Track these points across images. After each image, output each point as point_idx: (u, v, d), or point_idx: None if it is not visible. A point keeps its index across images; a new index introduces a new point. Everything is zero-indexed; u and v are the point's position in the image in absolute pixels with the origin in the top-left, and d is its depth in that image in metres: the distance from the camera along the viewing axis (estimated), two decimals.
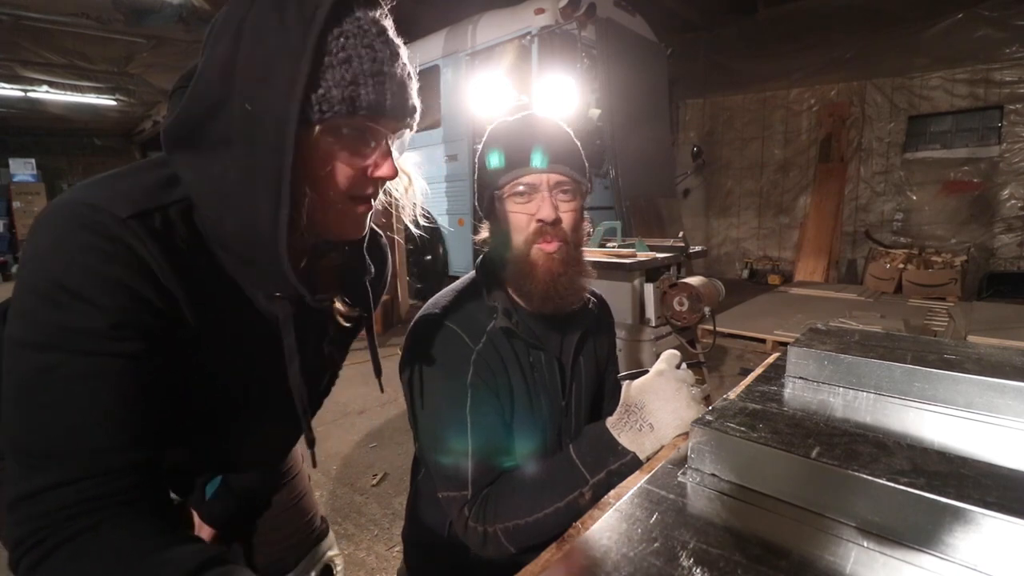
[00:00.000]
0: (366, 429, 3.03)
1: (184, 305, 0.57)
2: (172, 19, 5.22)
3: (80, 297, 0.49)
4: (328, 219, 0.61)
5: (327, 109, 0.54)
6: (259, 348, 0.66)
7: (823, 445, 0.54)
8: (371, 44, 0.55)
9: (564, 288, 0.89)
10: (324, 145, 0.56)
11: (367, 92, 0.55)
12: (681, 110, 8.44)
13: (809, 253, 7.33)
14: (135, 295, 0.52)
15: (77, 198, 0.52)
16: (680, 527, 0.51)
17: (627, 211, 4.14)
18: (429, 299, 0.97)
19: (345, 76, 0.53)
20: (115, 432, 0.51)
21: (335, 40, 0.53)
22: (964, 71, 6.29)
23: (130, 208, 0.52)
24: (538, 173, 0.87)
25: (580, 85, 4.14)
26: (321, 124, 0.54)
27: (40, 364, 0.49)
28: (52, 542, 0.47)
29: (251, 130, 0.52)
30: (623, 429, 0.80)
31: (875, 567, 0.45)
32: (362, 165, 0.59)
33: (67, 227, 0.50)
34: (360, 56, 0.54)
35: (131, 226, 0.51)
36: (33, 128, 10.81)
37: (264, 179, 0.53)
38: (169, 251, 0.54)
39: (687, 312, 1.05)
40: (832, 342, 0.83)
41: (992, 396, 0.65)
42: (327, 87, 0.53)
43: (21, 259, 0.53)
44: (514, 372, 0.90)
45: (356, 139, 0.58)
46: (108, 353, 0.50)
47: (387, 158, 0.60)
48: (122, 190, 0.54)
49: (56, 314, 0.49)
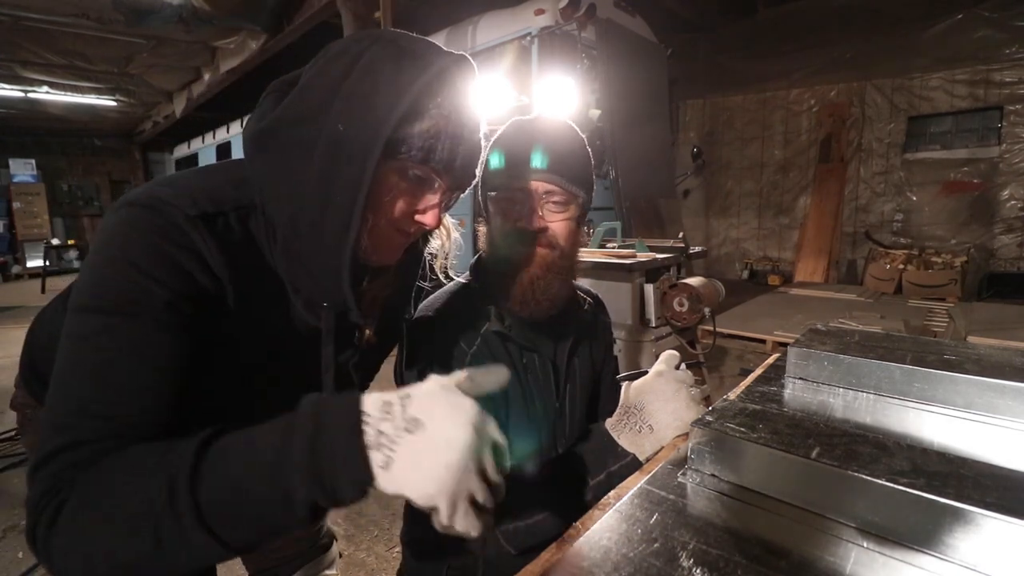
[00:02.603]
0: None
1: (230, 299, 0.60)
2: (172, 19, 5.22)
3: (144, 271, 0.53)
4: (376, 244, 0.65)
5: (405, 151, 0.60)
6: (290, 353, 0.70)
7: (823, 446, 0.54)
8: (458, 110, 0.62)
9: (540, 293, 0.87)
10: (392, 179, 0.62)
11: (443, 149, 0.61)
12: (681, 110, 8.44)
13: (809, 253, 7.33)
14: (192, 281, 0.56)
15: (154, 192, 0.57)
16: (680, 528, 0.52)
17: (627, 211, 4.13)
18: (423, 301, 0.96)
19: (430, 130, 0.60)
20: (148, 399, 0.53)
21: (434, 98, 0.60)
22: (964, 72, 6.29)
23: (196, 208, 0.57)
24: (528, 180, 0.86)
25: (580, 86, 4.14)
26: (396, 162, 0.60)
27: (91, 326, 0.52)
28: (67, 491, 0.47)
29: (338, 148, 0.58)
30: (622, 430, 0.80)
31: (875, 567, 0.45)
32: (414, 205, 0.65)
33: (142, 214, 0.56)
34: (447, 119, 0.61)
35: (195, 223, 0.57)
36: (33, 128, 10.81)
37: (342, 194, 0.58)
38: (225, 250, 0.59)
39: (687, 313, 1.05)
40: (832, 343, 0.83)
41: (992, 396, 0.65)
42: (414, 133, 0.59)
43: (94, 239, 0.58)
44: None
45: (418, 184, 0.64)
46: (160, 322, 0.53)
47: (436, 208, 0.66)
48: (192, 190, 0.59)
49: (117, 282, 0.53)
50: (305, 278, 0.64)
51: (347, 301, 0.62)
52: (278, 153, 0.61)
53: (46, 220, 10.51)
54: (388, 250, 0.67)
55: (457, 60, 0.63)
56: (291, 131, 0.60)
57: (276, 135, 0.61)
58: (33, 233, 10.27)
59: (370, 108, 0.58)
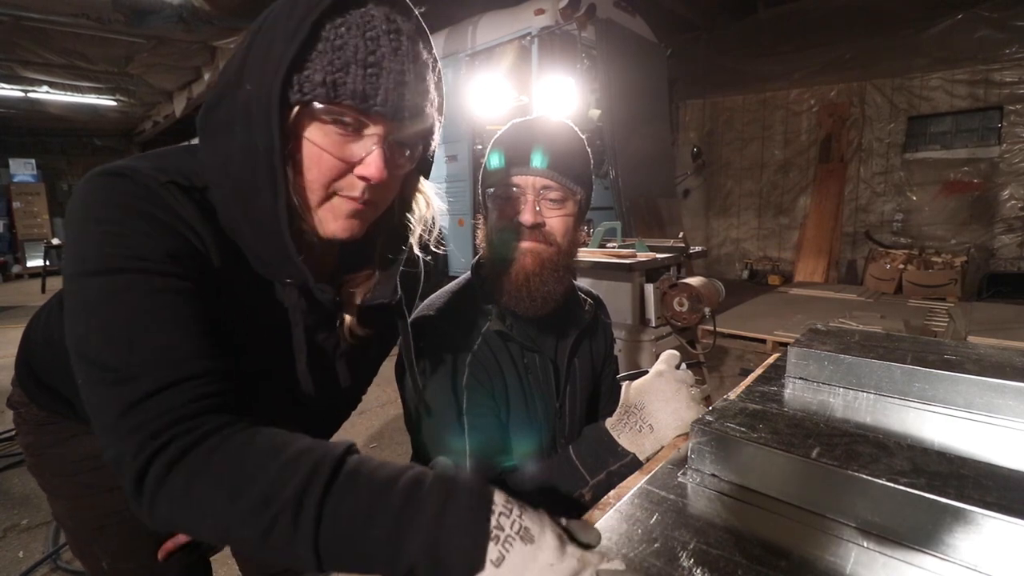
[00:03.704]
0: (366, 430, 3.03)
1: (216, 264, 0.58)
2: (172, 19, 5.22)
3: (137, 231, 0.52)
4: (319, 213, 0.60)
5: (308, 91, 0.53)
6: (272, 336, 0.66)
7: (823, 445, 0.54)
8: (375, 37, 0.54)
9: (535, 289, 0.87)
10: (303, 128, 0.56)
11: (354, 81, 0.53)
12: (681, 110, 8.43)
13: (809, 253, 7.33)
14: (182, 236, 0.55)
15: (122, 163, 0.55)
16: (680, 527, 0.51)
17: (627, 211, 4.13)
18: (425, 300, 0.96)
19: (335, 62, 0.53)
20: (194, 341, 0.52)
21: (335, 28, 0.53)
22: (964, 72, 6.29)
23: (167, 176, 0.55)
24: (525, 175, 0.86)
25: (580, 85, 4.14)
26: (300, 105, 0.54)
27: (109, 286, 0.51)
28: (185, 441, 0.47)
29: (248, 111, 0.54)
30: (623, 430, 0.80)
31: (875, 567, 0.45)
32: (346, 159, 0.57)
33: (116, 183, 0.54)
34: (356, 46, 0.53)
35: (169, 188, 0.55)
36: (33, 128, 10.80)
37: (261, 161, 0.54)
38: (201, 216, 0.57)
39: (687, 312, 1.05)
40: (832, 343, 0.83)
41: (992, 396, 0.65)
42: (312, 70, 0.53)
43: (68, 210, 0.55)
44: (509, 374, 0.90)
45: (342, 130, 0.56)
46: (171, 274, 0.53)
47: (376, 157, 0.57)
48: (162, 165, 0.57)
49: (118, 243, 0.52)
50: (258, 257, 0.61)
51: (302, 273, 0.59)
52: (211, 135, 0.59)
53: (46, 220, 10.51)
54: (337, 222, 0.60)
55: None
56: (217, 110, 0.57)
57: (208, 117, 0.58)
58: (33, 233, 10.26)
59: (267, 58, 0.53)
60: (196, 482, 0.46)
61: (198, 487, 0.46)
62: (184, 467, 0.47)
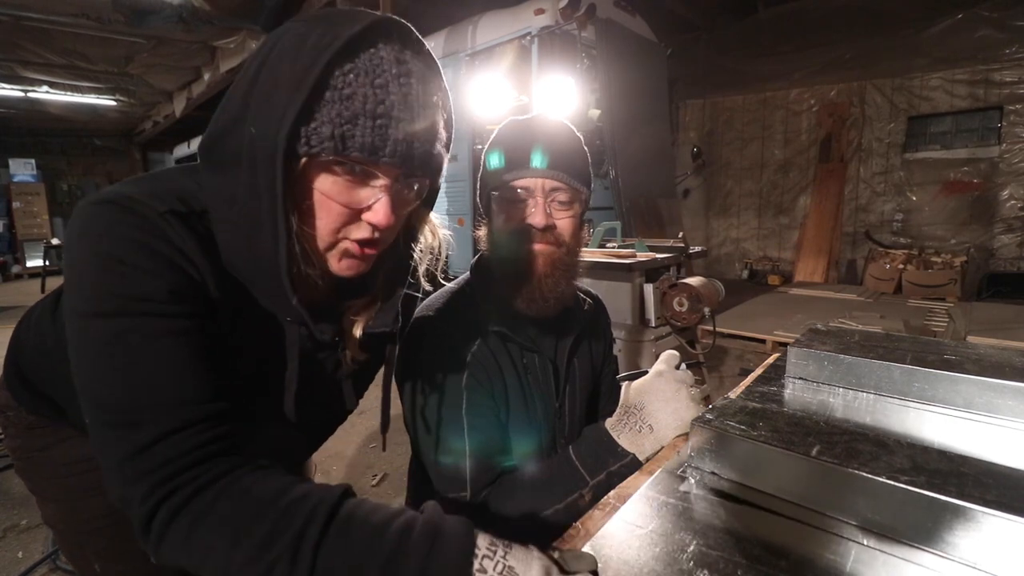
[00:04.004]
0: (366, 430, 3.03)
1: (214, 295, 0.58)
2: (172, 19, 5.22)
3: (139, 268, 0.52)
4: (318, 254, 0.60)
5: (316, 144, 0.52)
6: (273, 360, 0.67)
7: (823, 444, 0.54)
8: (384, 84, 0.52)
9: (548, 290, 0.88)
10: (311, 179, 0.55)
11: (363, 134, 0.52)
12: (681, 110, 8.43)
13: (809, 253, 7.33)
14: (182, 271, 0.55)
15: (119, 191, 0.55)
16: (680, 528, 0.52)
17: (627, 211, 4.13)
18: (424, 300, 0.96)
19: (343, 114, 0.51)
20: (195, 385, 0.53)
21: (343, 75, 0.51)
22: (964, 72, 6.29)
23: (165, 205, 0.55)
24: (534, 177, 0.86)
25: (580, 85, 4.14)
26: (308, 158, 0.53)
27: (112, 329, 0.52)
28: (190, 488, 0.49)
29: (252, 156, 0.53)
30: (622, 430, 0.80)
31: (875, 565, 0.45)
32: (353, 205, 0.57)
33: (116, 212, 0.53)
34: (365, 96, 0.52)
35: (167, 219, 0.55)
36: (33, 128, 10.80)
37: (265, 204, 0.53)
38: (200, 246, 0.57)
39: (687, 312, 1.05)
40: (832, 343, 0.83)
41: (991, 396, 0.65)
42: (320, 122, 0.52)
43: (67, 241, 0.55)
44: (509, 374, 0.90)
45: (350, 179, 0.55)
46: (172, 315, 0.53)
47: (384, 203, 0.56)
48: (159, 191, 0.57)
49: (120, 283, 0.52)
50: (258, 291, 0.61)
51: (301, 315, 0.59)
52: (217, 167, 0.57)
53: (46, 220, 10.51)
54: (342, 264, 0.60)
55: (378, 22, 0.54)
56: (223, 143, 0.56)
57: (212, 148, 0.58)
58: (33, 233, 10.26)
59: (272, 103, 0.51)
60: (198, 528, 0.48)
61: (200, 533, 0.48)
62: (188, 513, 0.49)
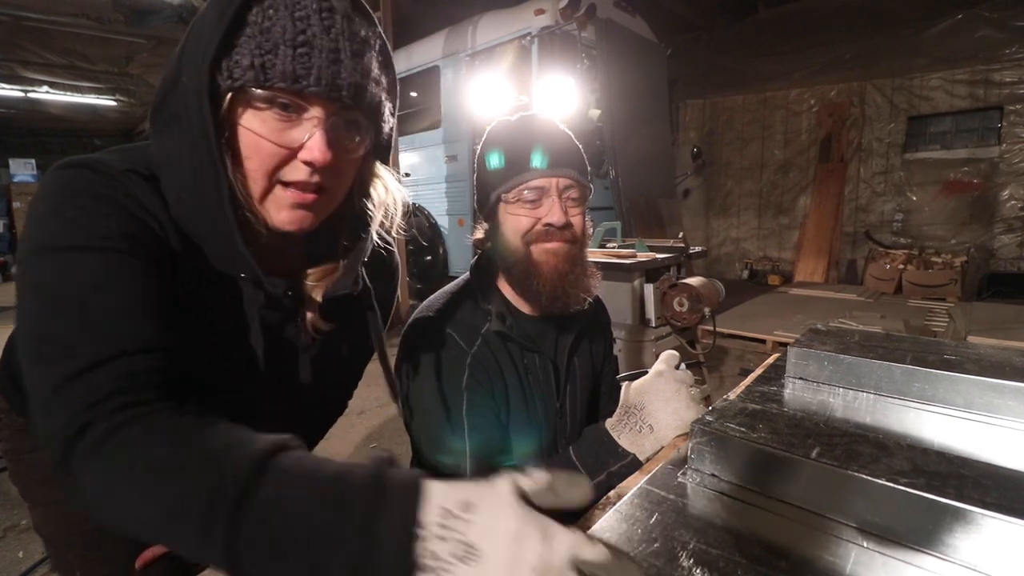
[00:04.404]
0: (366, 430, 3.03)
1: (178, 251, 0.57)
2: (172, 19, 5.23)
3: (96, 212, 0.52)
4: (265, 204, 0.58)
5: (237, 76, 0.52)
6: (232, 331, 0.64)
7: (823, 445, 0.54)
8: (305, 17, 0.53)
9: (570, 286, 0.89)
10: (237, 116, 0.54)
11: (283, 62, 0.52)
12: (681, 110, 8.43)
13: (809, 253, 7.33)
14: (143, 222, 0.55)
15: (81, 157, 0.55)
16: (680, 527, 0.51)
17: (627, 211, 4.14)
18: (424, 301, 0.96)
19: (263, 45, 0.52)
20: (143, 322, 0.51)
21: (263, 11, 0.52)
22: (964, 72, 6.28)
23: (127, 165, 0.56)
24: (547, 177, 0.87)
25: (580, 85, 4.14)
26: (231, 92, 0.53)
27: (61, 264, 0.51)
28: (118, 418, 0.45)
29: (186, 103, 0.53)
30: (623, 431, 0.80)
31: (875, 567, 0.45)
32: (287, 144, 0.55)
33: (76, 172, 0.54)
34: (284, 27, 0.52)
35: (130, 175, 0.55)
36: (33, 128, 10.80)
37: (201, 153, 0.53)
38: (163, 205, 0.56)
39: (687, 312, 1.05)
40: (832, 343, 0.83)
41: (992, 396, 0.65)
42: (240, 54, 0.52)
43: (31, 202, 0.54)
44: (509, 374, 0.90)
45: (279, 115, 0.54)
46: (128, 252, 0.52)
47: (319, 139, 0.55)
48: (125, 158, 0.57)
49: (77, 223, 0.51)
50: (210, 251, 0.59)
51: (251, 266, 0.57)
52: (159, 131, 0.58)
53: None
54: (286, 210, 0.58)
55: None
56: (164, 106, 0.57)
57: (157, 114, 0.58)
58: None
59: (197, 48, 0.52)
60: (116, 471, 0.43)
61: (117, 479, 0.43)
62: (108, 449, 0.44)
